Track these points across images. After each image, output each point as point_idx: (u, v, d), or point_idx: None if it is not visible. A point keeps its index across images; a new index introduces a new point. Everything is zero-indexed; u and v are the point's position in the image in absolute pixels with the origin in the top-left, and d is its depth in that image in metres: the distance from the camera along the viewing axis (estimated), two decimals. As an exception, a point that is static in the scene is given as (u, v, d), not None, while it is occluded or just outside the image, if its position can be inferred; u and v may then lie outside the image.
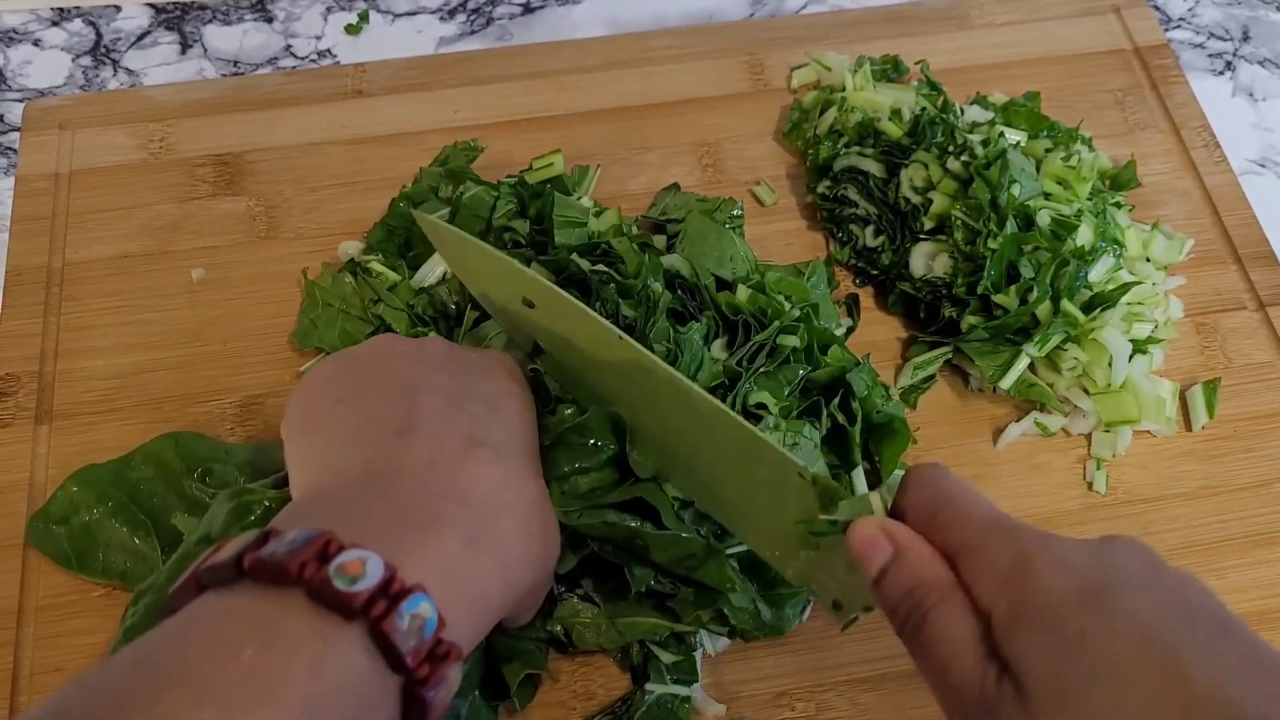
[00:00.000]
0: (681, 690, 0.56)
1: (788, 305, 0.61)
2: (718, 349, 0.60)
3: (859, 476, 0.59)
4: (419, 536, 0.39)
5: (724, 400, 0.56)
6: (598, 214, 0.67)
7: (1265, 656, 0.35)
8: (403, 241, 0.70)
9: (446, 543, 0.39)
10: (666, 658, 0.56)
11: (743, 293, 0.61)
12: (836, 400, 0.59)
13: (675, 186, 0.74)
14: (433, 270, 0.67)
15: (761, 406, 0.57)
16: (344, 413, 0.46)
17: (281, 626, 0.34)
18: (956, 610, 0.38)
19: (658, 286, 0.59)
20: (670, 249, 0.65)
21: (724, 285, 0.63)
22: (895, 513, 0.42)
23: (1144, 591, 0.36)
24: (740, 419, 0.47)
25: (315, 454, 0.46)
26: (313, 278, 0.69)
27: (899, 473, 0.61)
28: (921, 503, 0.41)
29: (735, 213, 0.70)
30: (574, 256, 0.61)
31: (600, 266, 0.61)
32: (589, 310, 0.50)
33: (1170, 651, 0.34)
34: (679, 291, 0.61)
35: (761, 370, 0.58)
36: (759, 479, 0.47)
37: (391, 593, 0.35)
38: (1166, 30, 0.87)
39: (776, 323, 0.59)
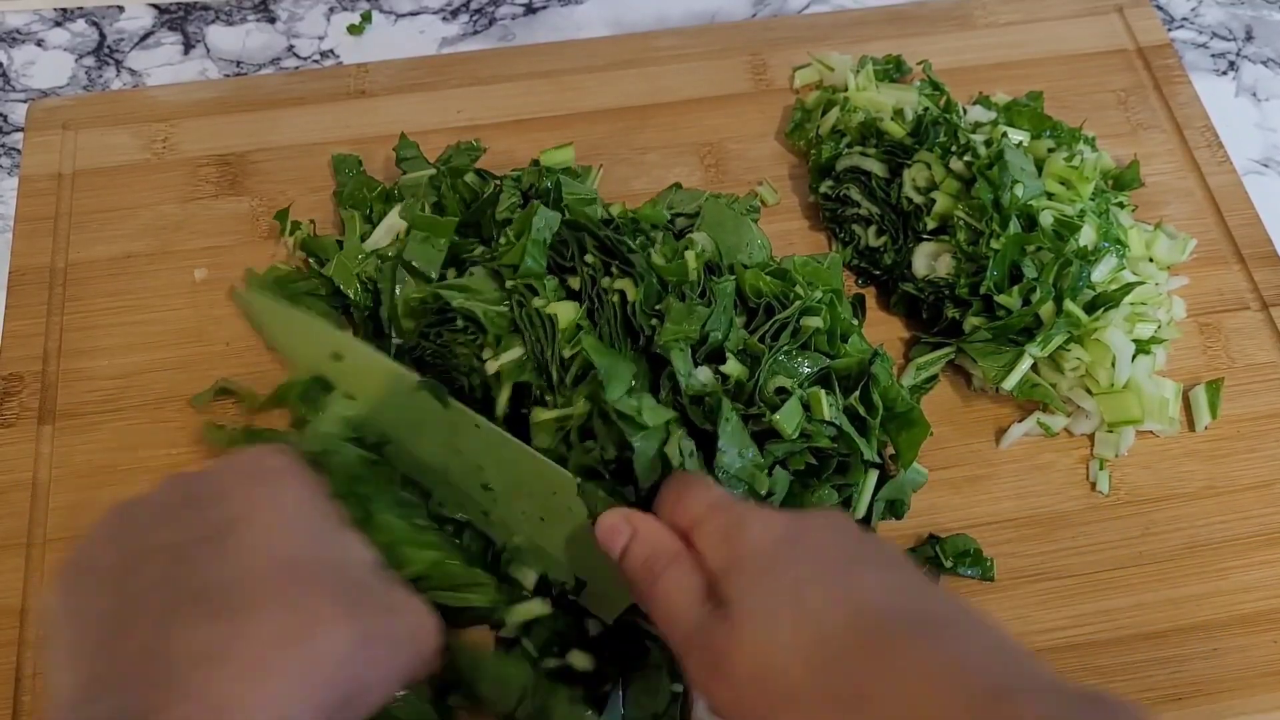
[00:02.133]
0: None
1: (810, 290, 0.61)
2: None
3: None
4: None
5: (749, 381, 0.57)
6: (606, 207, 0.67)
7: (912, 580, 0.46)
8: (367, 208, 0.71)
9: None
10: None
11: (758, 276, 0.60)
12: (857, 393, 0.59)
13: (677, 186, 0.74)
14: (385, 235, 0.68)
15: (782, 390, 0.57)
16: (66, 635, 0.40)
17: None
18: (682, 567, 0.47)
19: (691, 256, 0.60)
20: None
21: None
22: (655, 505, 0.51)
23: (826, 533, 0.46)
24: (524, 446, 0.55)
25: (49, 676, 0.40)
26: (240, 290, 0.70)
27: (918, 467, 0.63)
28: (666, 496, 0.50)
29: (754, 204, 0.72)
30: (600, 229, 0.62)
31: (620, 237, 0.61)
32: (384, 356, 0.59)
33: (847, 569, 0.44)
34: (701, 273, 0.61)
35: (784, 351, 0.58)
36: (539, 492, 0.55)
37: None
38: (1169, 30, 0.87)
39: (799, 302, 0.59)
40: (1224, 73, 0.86)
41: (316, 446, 0.54)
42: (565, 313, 0.57)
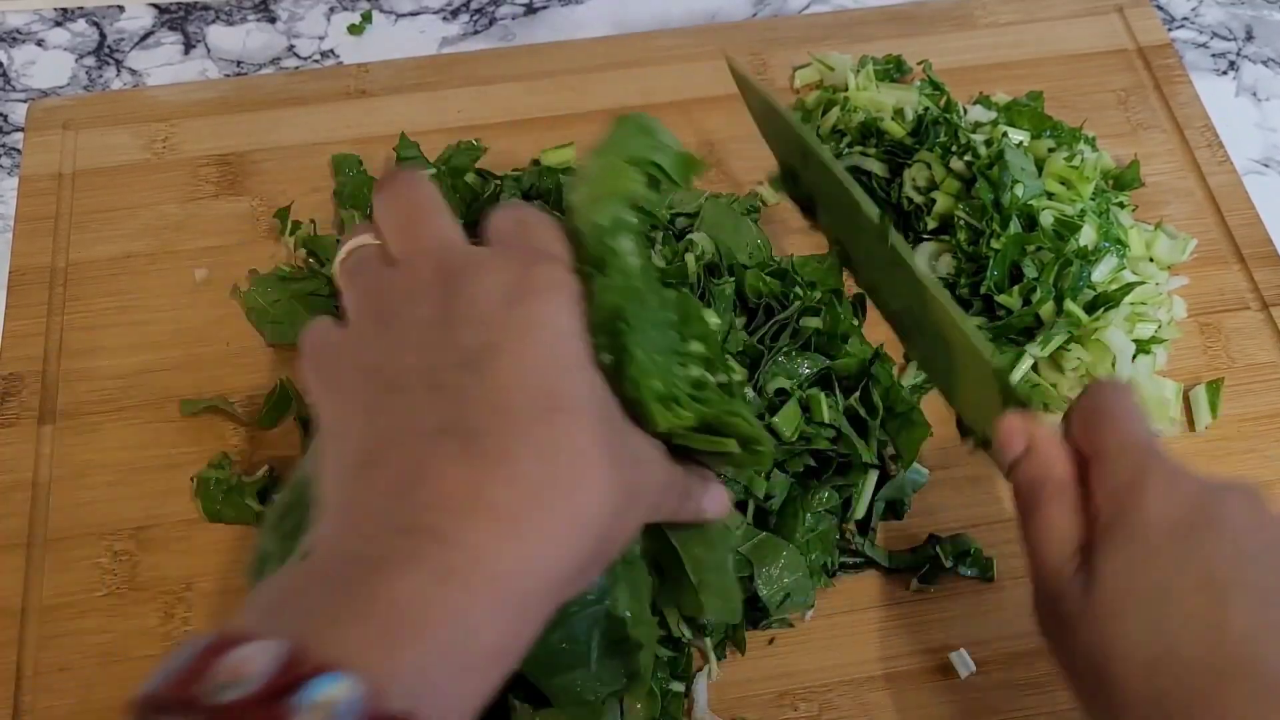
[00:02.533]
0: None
1: (810, 291, 0.61)
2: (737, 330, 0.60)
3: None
4: (356, 595, 0.32)
5: (748, 381, 0.57)
6: None
7: None
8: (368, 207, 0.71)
9: (393, 591, 0.32)
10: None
11: (758, 277, 0.60)
12: (858, 394, 0.59)
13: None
14: None
15: (781, 392, 0.57)
16: (328, 461, 0.38)
17: None
18: (1063, 507, 0.43)
19: (691, 259, 0.59)
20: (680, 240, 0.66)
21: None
22: (1068, 412, 0.47)
23: (1232, 538, 0.40)
24: (956, 315, 0.50)
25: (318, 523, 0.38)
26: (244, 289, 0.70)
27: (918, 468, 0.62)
28: (1081, 409, 0.45)
29: (754, 204, 0.72)
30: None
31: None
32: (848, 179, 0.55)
33: (1223, 598, 0.38)
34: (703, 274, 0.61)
35: (783, 351, 0.58)
36: (963, 363, 0.51)
37: (292, 684, 0.28)
38: (1169, 30, 0.87)
39: (799, 302, 0.59)
40: (1224, 72, 0.86)
41: (595, 242, 0.41)
42: None
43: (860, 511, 0.59)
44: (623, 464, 0.37)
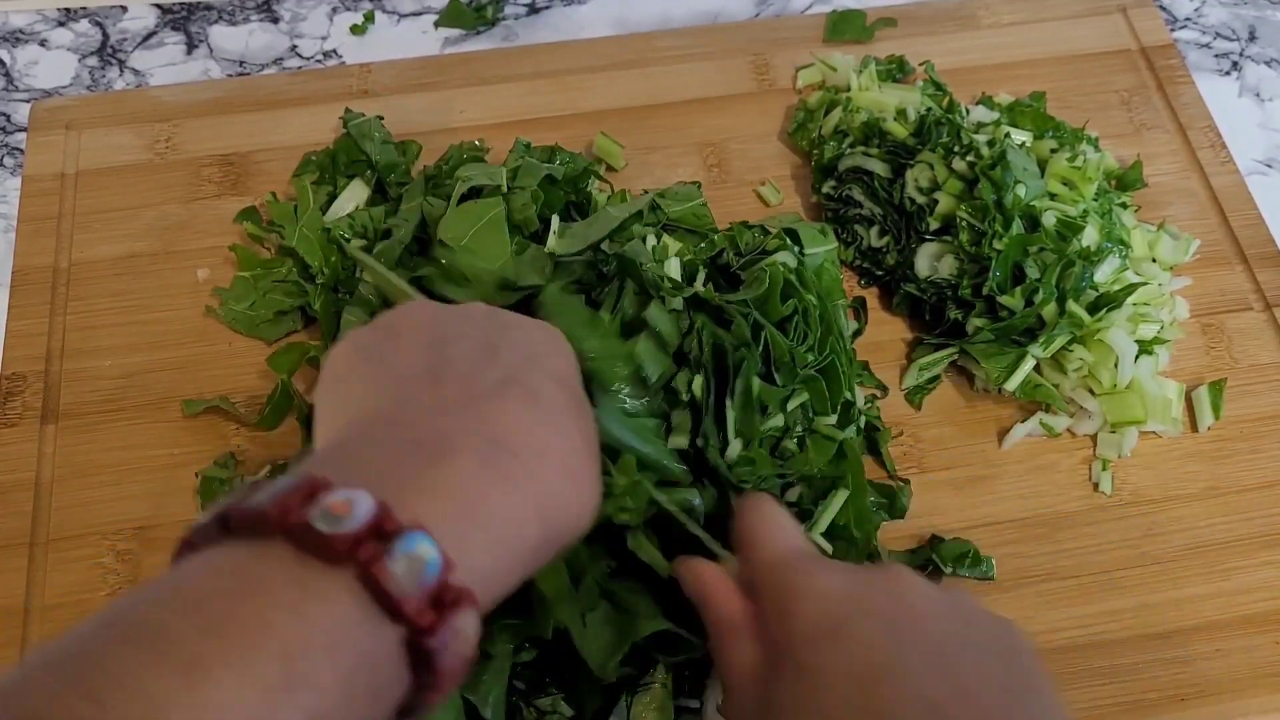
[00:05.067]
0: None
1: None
2: None
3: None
4: (429, 471, 0.35)
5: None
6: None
7: (977, 688, 0.38)
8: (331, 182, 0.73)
9: (463, 477, 0.35)
10: None
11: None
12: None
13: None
14: (344, 206, 0.70)
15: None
16: (369, 370, 0.42)
17: (259, 576, 0.30)
18: (741, 646, 0.43)
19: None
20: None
21: None
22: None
23: (879, 620, 0.40)
24: None
25: (337, 409, 0.42)
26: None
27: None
28: (737, 533, 0.47)
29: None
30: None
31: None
32: None
33: (871, 680, 0.38)
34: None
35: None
36: None
37: (385, 532, 0.31)
38: (1173, 30, 0.87)
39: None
40: (1227, 73, 0.86)
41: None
42: None
43: (822, 525, 0.57)
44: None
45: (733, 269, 0.62)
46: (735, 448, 0.55)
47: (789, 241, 0.63)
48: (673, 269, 0.61)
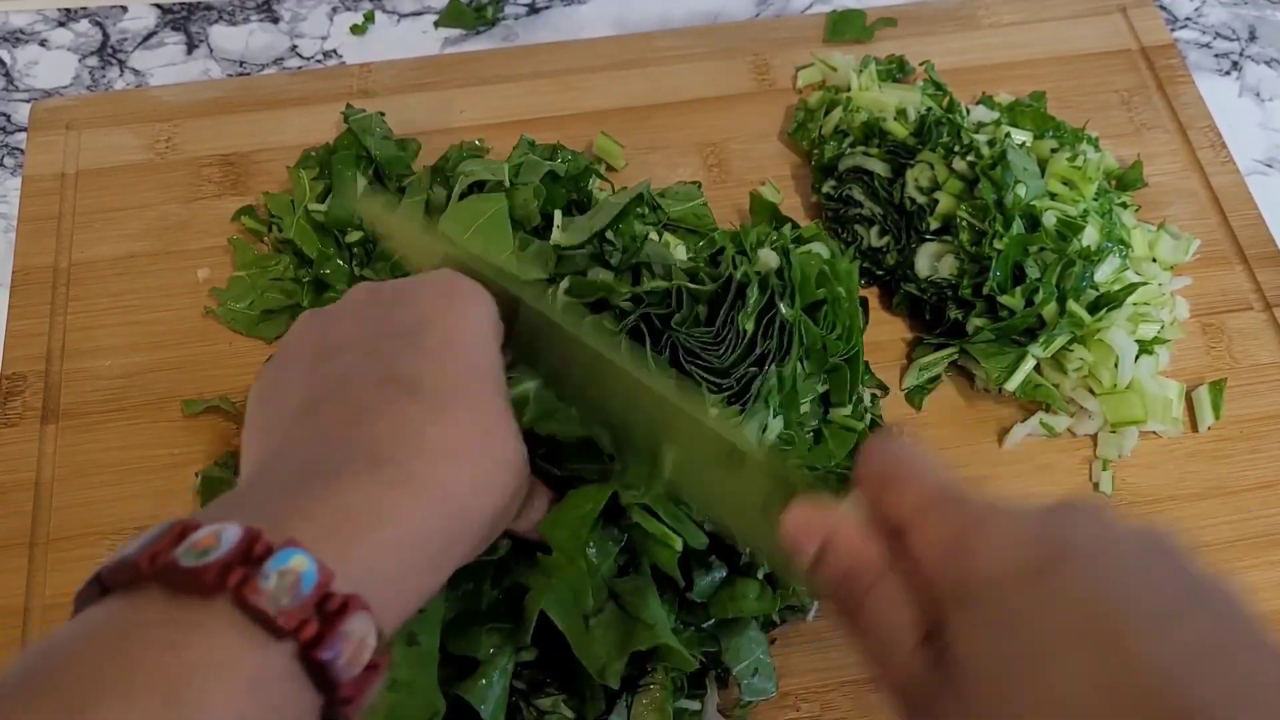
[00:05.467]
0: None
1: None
2: None
3: None
4: (309, 494, 0.35)
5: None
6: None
7: (1231, 634, 0.31)
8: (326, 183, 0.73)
9: (346, 491, 0.35)
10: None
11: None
12: None
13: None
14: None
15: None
16: (261, 419, 0.42)
17: (133, 621, 0.31)
18: (889, 596, 0.36)
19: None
20: None
21: None
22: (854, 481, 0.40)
23: (1092, 564, 0.33)
24: (695, 400, 0.46)
25: (242, 470, 0.42)
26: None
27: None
28: (871, 476, 0.38)
29: None
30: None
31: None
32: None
33: (1114, 632, 0.31)
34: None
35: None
36: (728, 474, 0.45)
37: (254, 556, 0.31)
38: (1173, 30, 0.87)
39: None
40: (1227, 73, 0.86)
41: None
42: None
43: None
44: (520, 441, 0.42)
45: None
46: (776, 426, 0.55)
47: (822, 231, 0.64)
48: (680, 253, 0.62)
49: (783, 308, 0.56)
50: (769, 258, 0.58)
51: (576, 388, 0.50)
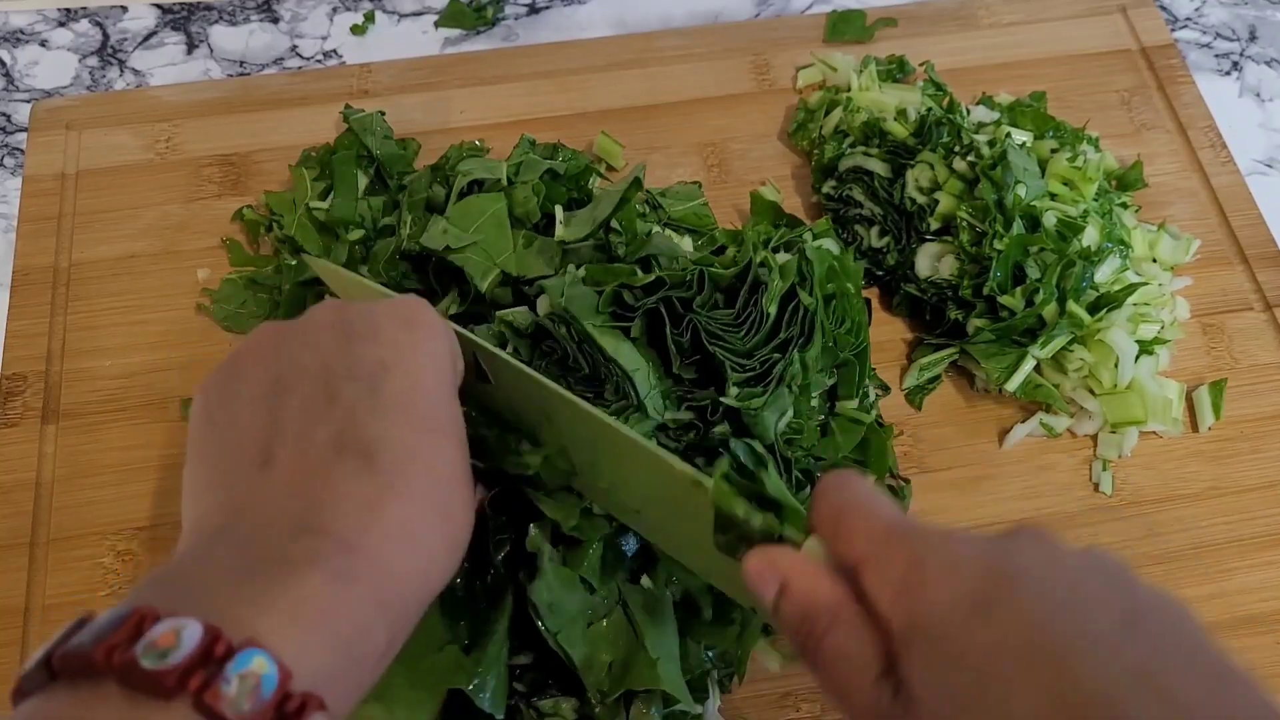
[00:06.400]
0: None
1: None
2: None
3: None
4: (265, 584, 0.34)
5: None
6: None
7: (1168, 655, 0.33)
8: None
9: (302, 584, 0.34)
10: None
11: None
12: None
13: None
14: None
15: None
16: (210, 440, 0.41)
17: None
18: (849, 633, 0.37)
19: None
20: None
21: None
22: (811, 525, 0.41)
23: (1035, 592, 0.35)
24: (648, 443, 0.46)
25: (188, 499, 0.41)
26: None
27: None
28: (826, 514, 0.40)
29: None
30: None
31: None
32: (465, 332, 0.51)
33: (1057, 657, 0.32)
34: None
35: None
36: (670, 497, 0.46)
37: (215, 657, 0.30)
38: (1173, 30, 0.87)
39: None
40: (1227, 73, 0.86)
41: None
42: None
43: None
44: (471, 487, 0.41)
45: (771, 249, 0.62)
46: (788, 415, 0.55)
47: (834, 227, 0.64)
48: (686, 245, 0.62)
49: (803, 295, 0.56)
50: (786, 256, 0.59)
51: (531, 424, 0.50)
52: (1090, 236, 0.65)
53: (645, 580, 0.54)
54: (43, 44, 0.86)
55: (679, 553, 0.50)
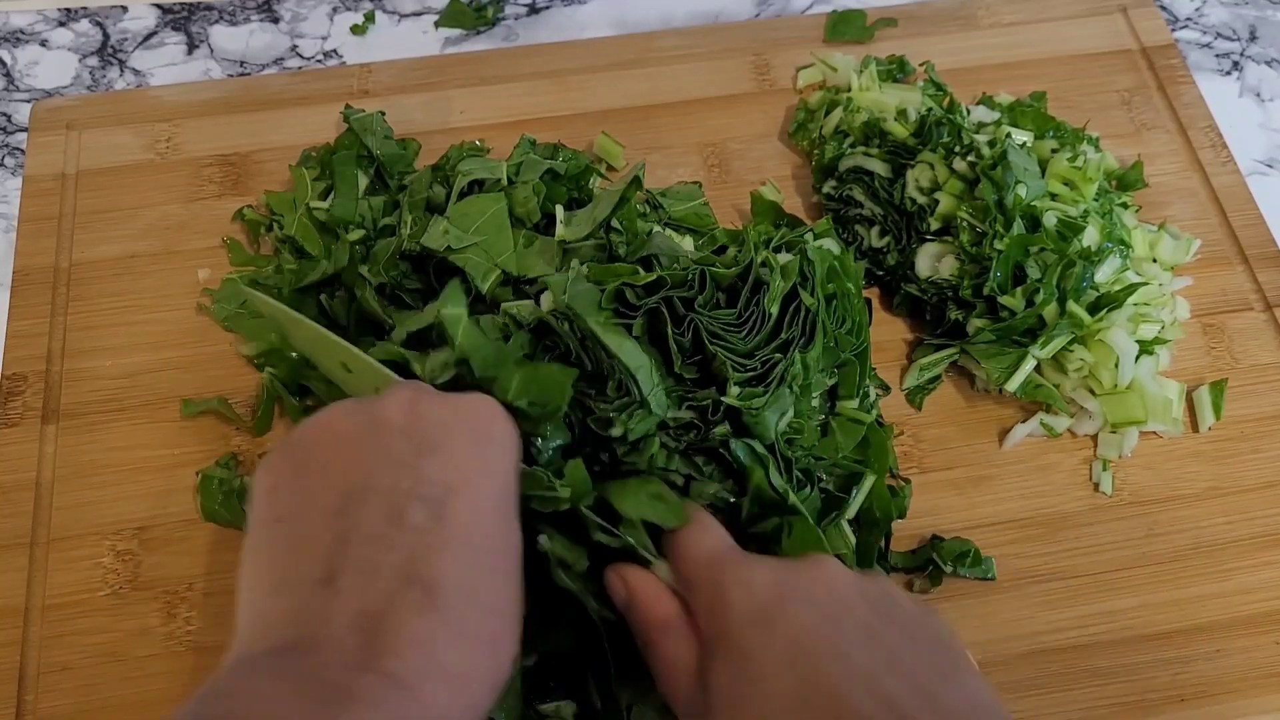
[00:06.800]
0: None
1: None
2: None
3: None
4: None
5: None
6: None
7: (901, 660, 0.41)
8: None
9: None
10: None
11: None
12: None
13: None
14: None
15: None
16: (276, 540, 0.42)
17: None
18: (675, 642, 0.46)
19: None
20: None
21: None
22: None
23: (809, 607, 0.43)
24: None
25: (249, 595, 0.42)
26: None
27: None
28: (670, 543, 0.49)
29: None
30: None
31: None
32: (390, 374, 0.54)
33: (813, 660, 0.41)
34: None
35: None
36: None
37: None
38: (1173, 30, 0.87)
39: None
40: (1228, 73, 0.86)
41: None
42: None
43: (852, 511, 0.58)
44: (520, 616, 0.44)
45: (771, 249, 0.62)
46: (789, 414, 0.55)
47: (834, 227, 0.65)
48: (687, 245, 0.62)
49: (805, 296, 0.56)
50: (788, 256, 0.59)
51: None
52: (1090, 236, 0.65)
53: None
54: (43, 44, 0.86)
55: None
